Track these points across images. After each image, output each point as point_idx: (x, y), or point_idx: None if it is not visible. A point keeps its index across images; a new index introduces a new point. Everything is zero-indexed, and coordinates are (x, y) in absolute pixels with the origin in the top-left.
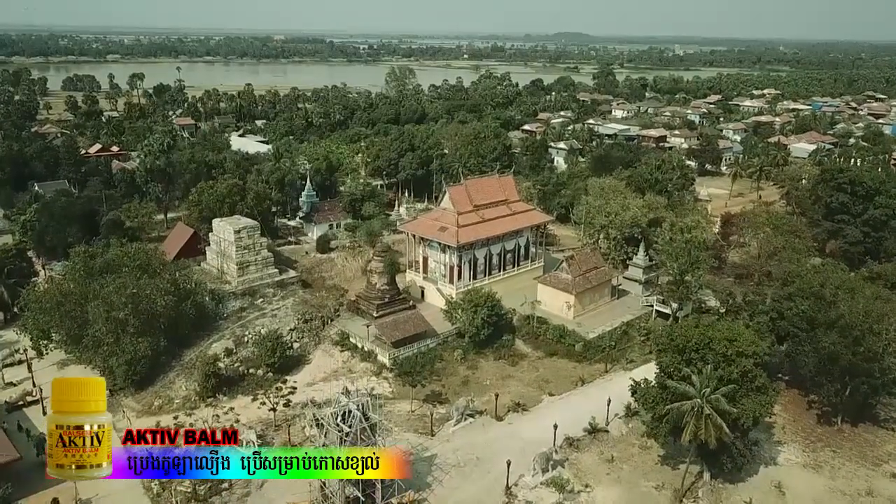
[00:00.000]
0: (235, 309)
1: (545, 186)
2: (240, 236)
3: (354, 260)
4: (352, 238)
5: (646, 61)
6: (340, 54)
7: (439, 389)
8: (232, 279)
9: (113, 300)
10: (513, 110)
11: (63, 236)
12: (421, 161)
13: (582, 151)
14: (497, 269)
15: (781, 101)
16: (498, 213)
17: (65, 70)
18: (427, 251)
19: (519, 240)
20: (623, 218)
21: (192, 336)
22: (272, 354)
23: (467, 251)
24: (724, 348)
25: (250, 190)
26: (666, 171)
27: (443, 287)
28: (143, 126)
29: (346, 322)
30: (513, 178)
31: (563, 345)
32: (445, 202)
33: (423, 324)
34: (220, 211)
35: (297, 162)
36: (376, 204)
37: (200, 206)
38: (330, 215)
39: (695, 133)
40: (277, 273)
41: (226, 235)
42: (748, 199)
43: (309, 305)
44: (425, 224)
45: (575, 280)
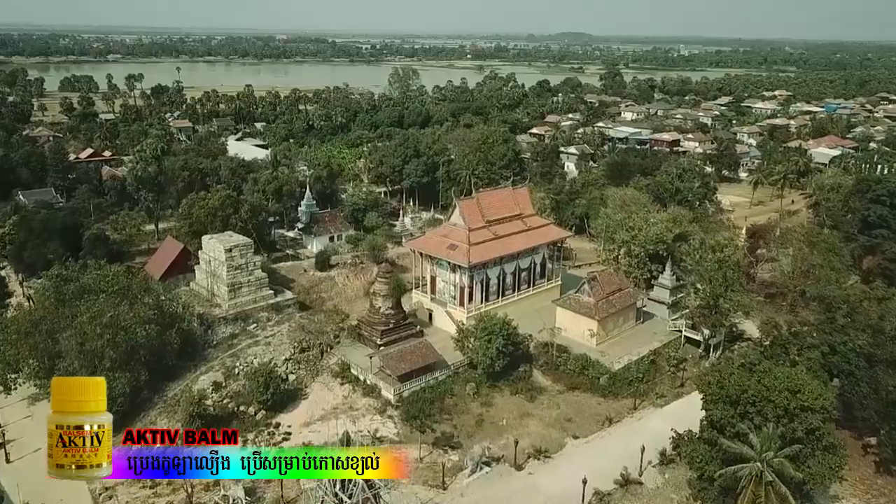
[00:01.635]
0: (226, 336)
1: (558, 195)
2: (231, 255)
3: (356, 278)
4: (353, 254)
5: (651, 62)
6: (343, 54)
7: (450, 431)
8: (222, 302)
9: (87, 331)
10: (520, 112)
11: (42, 252)
12: (426, 168)
13: (593, 156)
14: (511, 289)
15: (794, 103)
16: (512, 229)
17: (65, 70)
18: (435, 270)
19: (535, 257)
20: (647, 234)
21: (177, 368)
22: (264, 390)
23: (479, 271)
24: (785, 400)
25: (245, 202)
26: (687, 179)
27: (452, 310)
28: (139, 129)
29: (346, 350)
30: (528, 190)
31: (585, 377)
32: (455, 217)
33: (431, 354)
34: (212, 225)
35: (297, 169)
36: (379, 214)
37: (191, 220)
38: (330, 226)
39: (709, 137)
40: (272, 295)
41: (216, 254)
42: (770, 208)
43: (306, 332)
44: (433, 241)
45: (598, 304)
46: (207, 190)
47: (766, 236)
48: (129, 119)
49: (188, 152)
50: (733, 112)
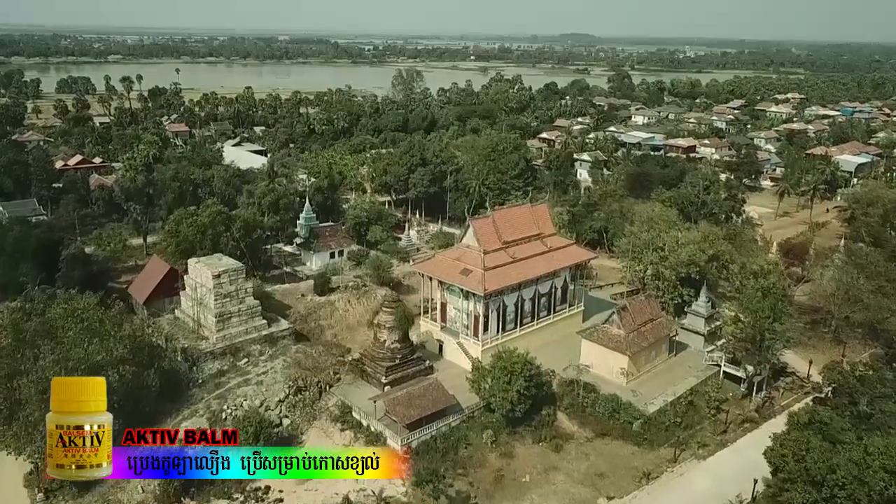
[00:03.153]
0: (213, 373)
1: (574, 208)
2: (220, 282)
3: (358, 303)
4: (355, 274)
5: (656, 63)
6: (345, 55)
7: (466, 491)
8: (210, 334)
9: (50, 376)
10: (528, 116)
11: (14, 275)
12: (433, 177)
13: (607, 163)
14: (530, 316)
15: (808, 107)
16: (531, 251)
17: (64, 71)
18: (446, 296)
19: (555, 281)
20: (679, 255)
21: (156, 413)
22: (255, 440)
23: (495, 298)
24: (882, 482)
25: (238, 217)
26: (713, 191)
27: (465, 342)
28: (133, 134)
29: (347, 389)
30: (547, 206)
31: (617, 421)
32: (469, 238)
33: (443, 397)
34: (202, 244)
35: (296, 178)
36: (384, 228)
37: (178, 238)
38: (331, 241)
39: (725, 142)
40: (266, 325)
41: (203, 280)
42: (797, 220)
43: (303, 368)
44: (444, 264)
45: (629, 337)
46: (199, 202)
47: (801, 254)
48: (123, 122)
49: (181, 160)
50: (747, 116)
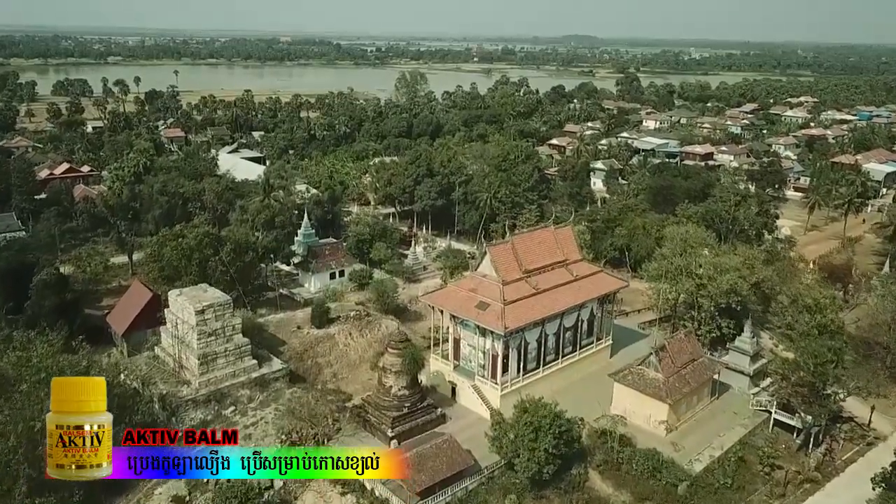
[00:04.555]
0: (195, 424)
1: (592, 223)
2: (204, 318)
3: (361, 335)
4: (357, 301)
5: (662, 65)
6: (347, 56)
7: None
8: (192, 377)
9: None
10: (536, 121)
11: None
12: (441, 189)
13: (622, 172)
14: (553, 353)
15: (824, 110)
16: (556, 281)
17: (64, 72)
18: (460, 330)
19: (581, 312)
20: (719, 284)
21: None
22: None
23: (516, 335)
24: None
25: (229, 239)
26: (745, 206)
27: (482, 384)
28: (125, 139)
29: (348, 442)
30: (572, 229)
31: (658, 482)
32: (485, 266)
33: (459, 457)
34: (187, 269)
35: (294, 191)
36: (388, 244)
37: (161, 263)
38: (331, 261)
39: (743, 149)
40: (256, 366)
41: (185, 316)
42: (828, 235)
43: (297, 418)
44: (458, 296)
45: (669, 382)
46: (190, 217)
47: (844, 275)
48: (116, 127)
49: (171, 171)
50: (762, 120)
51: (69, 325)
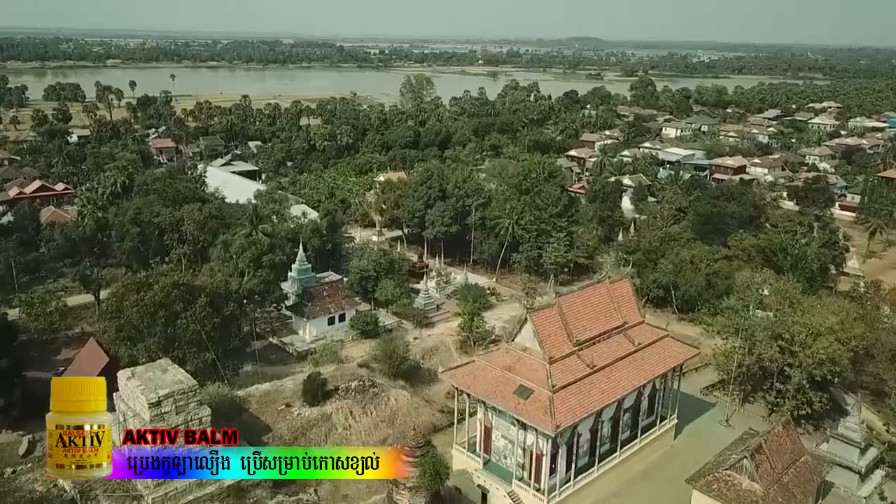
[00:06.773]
0: None
1: (631, 255)
2: (161, 412)
3: (364, 413)
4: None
5: (670, 68)
6: (350, 59)
7: None
8: (145, 489)
9: None
10: (550, 129)
11: None
12: (455, 213)
13: (650, 188)
14: (608, 443)
15: (851, 117)
16: (614, 353)
17: (62, 75)
18: (492, 418)
19: (643, 388)
20: (815, 352)
21: None
22: None
23: (567, 429)
24: None
25: (203, 290)
26: (810, 238)
27: (522, 491)
28: (109, 151)
29: None
30: (629, 282)
31: None
32: (526, 337)
33: None
34: (151, 330)
35: (288, 215)
36: (396, 282)
37: (120, 322)
38: (331, 303)
39: (777, 161)
40: None
41: (136, 406)
42: (887, 262)
43: None
44: (490, 376)
45: (770, 496)
46: (167, 251)
47: None
48: (103, 137)
49: (149, 193)
50: (790, 129)
51: (4, 396)
